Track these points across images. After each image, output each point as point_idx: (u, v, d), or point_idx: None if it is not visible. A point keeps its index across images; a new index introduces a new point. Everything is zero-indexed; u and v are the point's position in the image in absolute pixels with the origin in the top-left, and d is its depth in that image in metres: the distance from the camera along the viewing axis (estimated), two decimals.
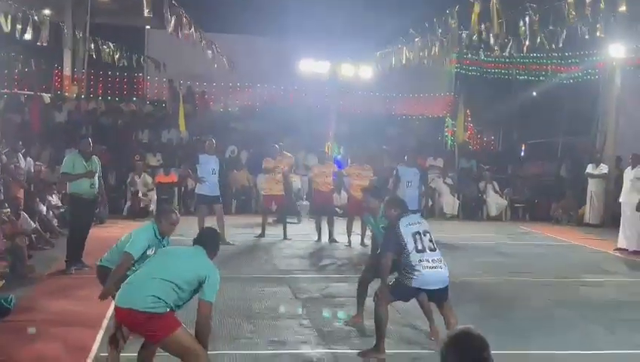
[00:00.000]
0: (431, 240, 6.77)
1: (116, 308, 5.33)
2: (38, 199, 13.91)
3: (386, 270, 6.89)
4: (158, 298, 5.10)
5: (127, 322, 5.29)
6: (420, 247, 6.66)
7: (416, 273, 6.60)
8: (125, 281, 5.44)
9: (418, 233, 6.72)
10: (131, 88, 24.35)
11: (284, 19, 22.24)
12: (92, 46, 19.47)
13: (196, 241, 5.57)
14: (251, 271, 11.14)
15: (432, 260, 6.65)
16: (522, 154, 24.67)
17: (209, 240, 5.59)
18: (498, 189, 19.88)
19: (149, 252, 6.18)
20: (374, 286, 7.33)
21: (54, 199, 15.02)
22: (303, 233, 15.46)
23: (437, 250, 6.77)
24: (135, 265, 6.06)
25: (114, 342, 5.92)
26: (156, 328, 5.12)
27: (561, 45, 15.78)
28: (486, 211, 19.84)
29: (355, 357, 6.89)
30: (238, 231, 15.13)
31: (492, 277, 11.17)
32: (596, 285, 10.84)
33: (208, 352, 5.22)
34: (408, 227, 6.75)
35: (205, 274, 5.22)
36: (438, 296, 6.84)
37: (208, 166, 13.62)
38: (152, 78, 24.24)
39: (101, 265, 6.65)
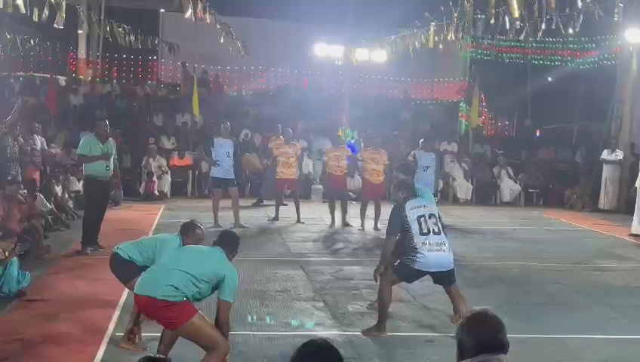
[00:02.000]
0: (436, 224, 6.89)
1: (135, 296, 5.42)
2: (53, 181, 14.02)
3: (387, 251, 7.10)
4: (176, 288, 5.19)
5: (146, 309, 5.40)
6: (424, 230, 6.79)
7: (418, 255, 6.76)
8: (146, 271, 5.58)
9: (423, 216, 6.85)
10: (146, 71, 24.42)
11: (298, 2, 22.19)
12: (107, 29, 19.50)
13: (216, 243, 5.66)
14: (265, 253, 11.19)
15: (436, 243, 6.80)
16: (537, 137, 24.53)
17: (229, 242, 5.67)
18: (512, 175, 19.82)
19: None
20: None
21: (77, 184, 15.06)
22: (316, 216, 15.50)
23: (442, 234, 6.90)
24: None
25: (131, 337, 6.06)
26: (173, 316, 5.22)
27: (577, 30, 15.65)
28: (499, 196, 19.79)
29: (368, 338, 6.93)
30: (251, 214, 15.20)
31: (505, 261, 11.16)
32: (610, 270, 10.81)
33: (230, 333, 5.30)
34: (413, 210, 6.88)
35: (224, 274, 5.32)
36: (442, 279, 7.04)
37: (223, 149, 13.66)
38: (167, 62, 24.28)
39: (117, 253, 6.67)
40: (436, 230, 6.85)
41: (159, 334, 5.79)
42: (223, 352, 5.25)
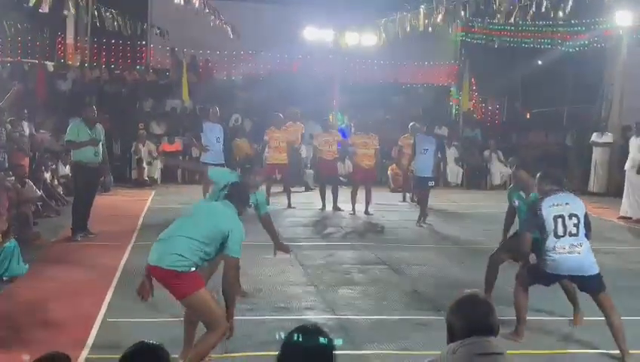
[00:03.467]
0: (576, 225, 6.29)
1: (147, 265, 5.40)
2: (43, 167, 13.94)
3: (524, 252, 6.59)
4: (183, 256, 5.18)
5: (156, 278, 5.36)
6: (559, 232, 6.25)
7: (548, 258, 6.30)
8: (157, 239, 5.52)
9: (561, 216, 6.27)
10: (135, 57, 24.21)
11: None
12: (95, 13, 19.31)
13: (227, 196, 5.65)
14: (256, 238, 11.09)
15: (570, 245, 6.24)
16: (527, 120, 24.55)
17: (238, 195, 5.69)
18: (502, 158, 19.85)
19: None
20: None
21: (64, 169, 15.01)
22: (307, 201, 15.50)
23: (579, 235, 6.30)
24: None
25: (142, 291, 5.99)
26: (181, 285, 5.20)
27: (567, 12, 15.61)
28: (490, 180, 19.84)
29: (360, 322, 6.95)
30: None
31: (495, 245, 11.16)
32: (599, 252, 10.81)
33: None
34: (552, 208, 6.30)
35: (229, 229, 5.28)
36: (582, 284, 6.50)
37: (212, 134, 13.63)
38: (156, 47, 24.09)
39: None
40: (574, 231, 6.26)
41: None
42: (222, 331, 5.24)
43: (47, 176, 14.00)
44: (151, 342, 3.02)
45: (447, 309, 3.25)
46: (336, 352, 2.90)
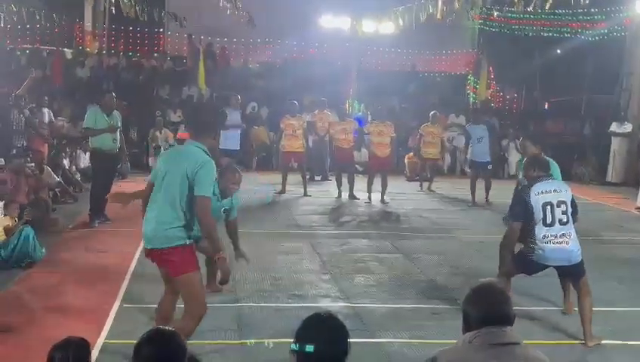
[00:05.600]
0: (565, 212, 6.11)
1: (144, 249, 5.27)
2: (61, 153, 14.04)
3: (509, 239, 6.38)
4: (171, 227, 4.95)
5: (155, 260, 5.18)
6: (548, 221, 6.06)
7: (536, 247, 6.12)
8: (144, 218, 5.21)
9: (550, 204, 6.07)
10: (152, 44, 24.29)
11: None
12: (112, 0, 19.38)
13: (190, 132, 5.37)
14: (272, 226, 11.22)
15: (560, 235, 6.09)
16: (545, 110, 24.38)
17: (200, 125, 5.20)
18: (520, 148, 19.69)
19: None
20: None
21: (84, 156, 15.07)
22: (323, 190, 15.50)
23: (569, 223, 6.15)
24: None
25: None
26: (177, 262, 5.00)
27: (587, 1, 15.47)
28: (507, 169, 19.74)
29: (374, 311, 6.96)
30: (258, 187, 15.21)
31: None
32: (617, 243, 10.81)
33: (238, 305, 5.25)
34: (540, 196, 6.09)
35: (195, 171, 4.88)
36: (566, 273, 6.42)
37: (232, 121, 13.70)
38: (173, 34, 24.14)
39: None
40: (564, 220, 6.09)
41: None
42: (200, 318, 5.10)
43: (66, 162, 14.10)
44: (166, 328, 3.03)
45: (462, 298, 3.25)
46: (351, 340, 2.91)
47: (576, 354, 6.03)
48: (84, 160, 15.05)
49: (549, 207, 6.06)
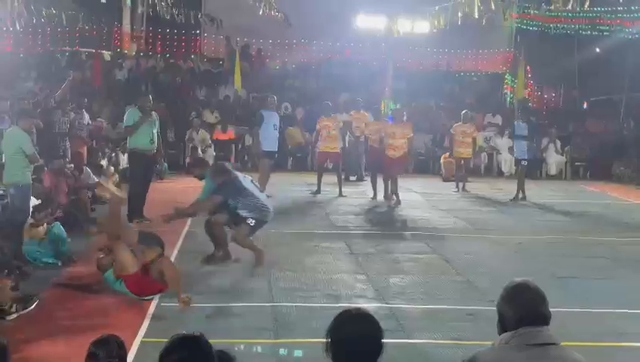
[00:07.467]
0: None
1: None
2: (100, 154, 14.26)
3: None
4: None
5: None
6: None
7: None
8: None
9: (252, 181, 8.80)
10: (189, 45, 24.50)
11: None
12: (150, 2, 19.62)
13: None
14: (307, 226, 11.24)
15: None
16: (584, 109, 24.04)
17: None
18: (559, 147, 19.44)
19: None
20: None
21: (123, 158, 15.25)
22: (358, 190, 15.49)
23: None
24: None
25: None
26: None
27: None
28: (545, 169, 19.50)
29: (409, 311, 6.94)
30: (294, 187, 15.26)
31: (549, 235, 11.02)
32: None
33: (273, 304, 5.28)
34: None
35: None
36: None
37: (270, 122, 13.78)
38: (209, 36, 24.33)
39: None
40: None
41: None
42: None
43: (104, 163, 14.30)
44: (191, 333, 2.94)
45: (498, 299, 3.21)
46: (386, 340, 2.89)
47: (617, 356, 5.94)
48: (123, 161, 15.25)
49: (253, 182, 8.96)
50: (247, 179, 8.68)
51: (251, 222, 8.35)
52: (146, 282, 6.90)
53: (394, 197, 13.74)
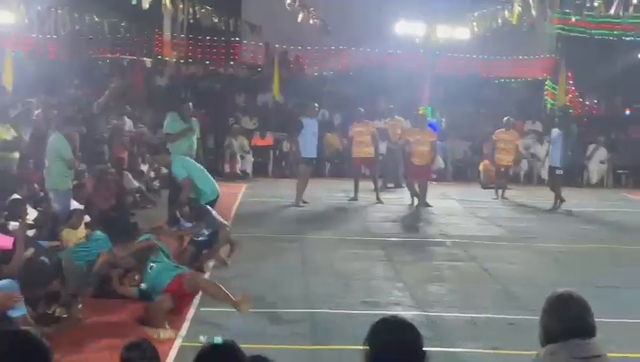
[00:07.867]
0: None
1: None
2: (140, 159, 14.44)
3: None
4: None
5: None
6: None
7: None
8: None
9: None
10: (228, 52, 24.72)
11: None
12: (190, 10, 19.82)
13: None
14: (344, 233, 11.23)
15: None
16: (627, 116, 23.63)
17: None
18: (602, 157, 19.10)
19: None
20: None
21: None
22: (396, 197, 15.43)
23: None
24: None
25: None
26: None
27: None
28: (587, 177, 19.19)
29: (448, 320, 6.89)
30: (331, 194, 15.27)
31: (588, 244, 10.86)
32: None
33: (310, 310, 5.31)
34: None
35: None
36: None
37: (310, 129, 13.85)
38: (248, 43, 24.51)
39: None
40: None
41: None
42: None
43: (145, 168, 14.48)
44: (221, 340, 2.89)
45: (538, 309, 3.17)
46: (426, 349, 2.85)
47: None
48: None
49: None
50: None
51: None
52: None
53: (425, 202, 13.74)
